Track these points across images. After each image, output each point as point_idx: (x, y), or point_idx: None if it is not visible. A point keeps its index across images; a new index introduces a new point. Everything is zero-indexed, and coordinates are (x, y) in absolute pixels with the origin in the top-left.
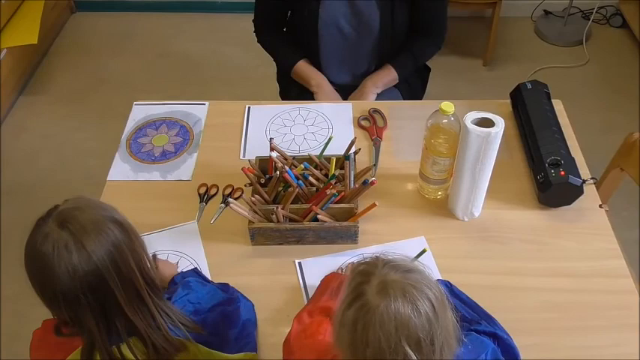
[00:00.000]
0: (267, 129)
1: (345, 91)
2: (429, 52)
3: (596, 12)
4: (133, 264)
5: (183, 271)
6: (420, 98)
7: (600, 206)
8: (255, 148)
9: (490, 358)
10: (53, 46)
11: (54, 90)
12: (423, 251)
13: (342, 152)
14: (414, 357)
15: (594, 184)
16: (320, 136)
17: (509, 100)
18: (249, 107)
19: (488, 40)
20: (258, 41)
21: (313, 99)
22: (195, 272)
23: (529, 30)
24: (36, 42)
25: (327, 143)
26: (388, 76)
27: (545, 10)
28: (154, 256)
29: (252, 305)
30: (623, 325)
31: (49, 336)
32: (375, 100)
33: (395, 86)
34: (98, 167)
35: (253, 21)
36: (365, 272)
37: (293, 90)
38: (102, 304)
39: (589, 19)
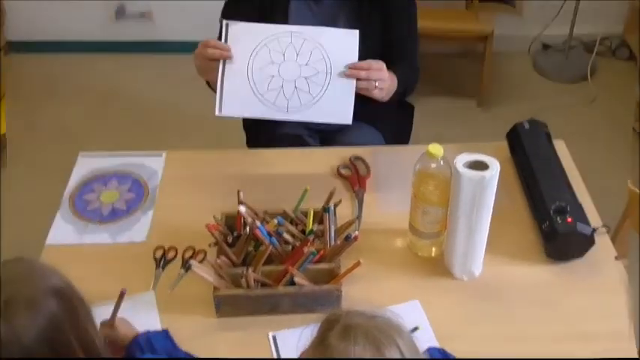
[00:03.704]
0: (251, 63)
1: None
2: (413, 78)
3: (599, 44)
4: (73, 339)
5: (150, 331)
6: (407, 142)
7: (616, 258)
8: (237, 98)
9: None
10: None
11: None
12: (415, 329)
13: (319, 204)
14: None
15: (607, 233)
16: (314, 84)
17: (506, 143)
18: (227, 24)
19: (481, 78)
20: None
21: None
22: (166, 336)
23: (527, 65)
24: None
25: (302, 196)
26: (393, 76)
27: (543, 44)
28: (114, 314)
29: None
30: None
31: None
32: (355, 142)
33: (377, 129)
34: (33, 232)
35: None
36: (330, 320)
37: (262, 138)
38: None
39: (592, 52)
